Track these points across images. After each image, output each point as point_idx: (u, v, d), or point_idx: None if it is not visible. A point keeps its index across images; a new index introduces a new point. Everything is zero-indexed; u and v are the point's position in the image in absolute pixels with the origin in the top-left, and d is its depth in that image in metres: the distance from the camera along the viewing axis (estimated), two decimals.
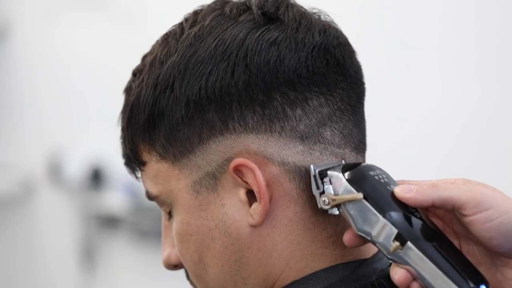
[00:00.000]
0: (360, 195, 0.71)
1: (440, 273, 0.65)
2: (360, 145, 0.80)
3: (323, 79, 0.77)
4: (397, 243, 0.67)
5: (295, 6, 0.79)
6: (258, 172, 0.74)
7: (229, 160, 0.76)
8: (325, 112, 0.77)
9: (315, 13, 0.80)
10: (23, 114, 3.04)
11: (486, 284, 0.65)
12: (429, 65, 1.94)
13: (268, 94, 0.75)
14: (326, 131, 0.77)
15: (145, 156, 0.80)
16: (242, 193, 0.76)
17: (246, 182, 0.75)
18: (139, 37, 2.05)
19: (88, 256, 2.86)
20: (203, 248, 0.78)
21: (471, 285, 0.64)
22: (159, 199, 0.80)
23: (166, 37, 0.80)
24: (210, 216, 0.77)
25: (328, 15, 0.81)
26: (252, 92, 0.75)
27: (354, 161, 0.79)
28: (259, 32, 0.76)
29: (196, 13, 0.80)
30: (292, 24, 0.77)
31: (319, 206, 0.74)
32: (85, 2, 2.83)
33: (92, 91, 2.83)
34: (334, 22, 0.81)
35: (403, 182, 0.73)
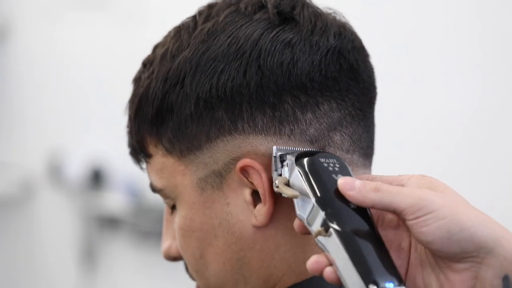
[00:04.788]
0: (296, 194, 0.71)
1: (351, 265, 0.65)
2: (368, 150, 0.79)
3: (335, 83, 0.76)
4: (321, 228, 0.67)
5: (310, 6, 0.79)
6: (264, 174, 0.74)
7: (236, 159, 0.75)
8: (335, 117, 0.76)
9: (330, 13, 0.80)
10: (24, 114, 3.04)
11: (398, 283, 0.64)
12: (430, 65, 1.94)
13: (279, 96, 0.75)
14: (336, 136, 0.76)
15: (151, 149, 0.79)
16: (247, 193, 0.75)
17: (252, 183, 0.75)
18: (140, 37, 2.05)
19: (89, 256, 2.86)
20: (205, 245, 0.77)
21: (375, 279, 0.64)
22: (163, 192, 0.80)
23: (178, 30, 0.80)
24: (214, 214, 0.76)
25: (343, 16, 0.80)
26: (264, 93, 0.75)
27: (363, 167, 0.78)
28: (273, 33, 0.75)
29: (210, 7, 0.80)
30: (307, 26, 0.76)
31: (274, 187, 0.73)
32: (86, 2, 2.83)
33: (93, 91, 2.83)
34: (349, 24, 0.80)
35: (364, 177, 0.72)
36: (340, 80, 0.77)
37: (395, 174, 0.73)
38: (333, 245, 0.66)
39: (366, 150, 0.79)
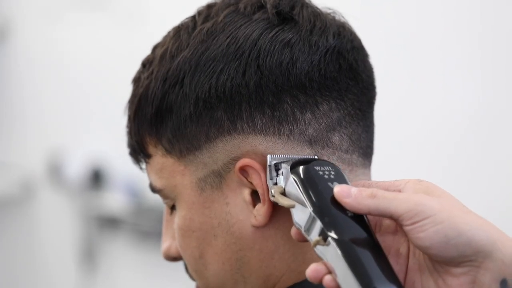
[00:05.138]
0: (293, 204, 0.70)
1: (350, 274, 0.64)
2: (368, 150, 0.79)
3: (334, 83, 0.76)
4: (319, 238, 0.67)
5: (310, 6, 0.79)
6: (264, 174, 0.74)
7: (235, 159, 0.75)
8: (335, 117, 0.76)
9: (329, 13, 0.80)
10: (24, 114, 3.04)
11: None
12: (430, 65, 1.94)
13: (278, 96, 0.75)
14: (335, 136, 0.76)
15: (151, 149, 0.79)
16: (246, 193, 0.75)
17: (251, 183, 0.75)
18: (140, 37, 2.05)
19: (89, 256, 2.86)
20: (204, 245, 0.77)
21: (375, 287, 0.64)
22: (162, 192, 0.80)
23: (178, 30, 0.80)
24: (213, 214, 0.76)
25: (342, 16, 0.80)
26: (263, 93, 0.75)
27: (362, 167, 0.78)
28: (272, 33, 0.75)
29: (209, 7, 0.80)
30: (307, 26, 0.76)
31: (270, 196, 0.73)
32: (86, 2, 2.82)
33: (93, 91, 2.83)
34: (348, 24, 0.80)
35: (360, 183, 0.72)
36: (339, 80, 0.77)
37: (395, 174, 0.73)
38: (332, 254, 0.66)
39: (365, 150, 0.79)
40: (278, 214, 0.75)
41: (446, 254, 0.65)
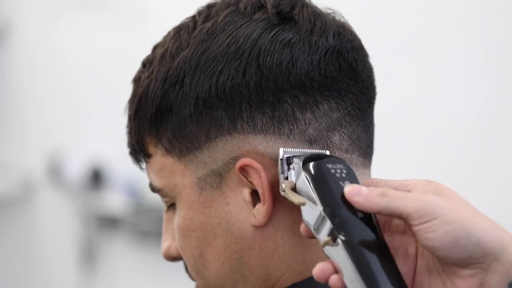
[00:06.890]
0: (304, 201, 0.70)
1: (358, 277, 0.65)
2: (367, 150, 0.79)
3: (334, 83, 0.76)
4: (329, 238, 0.67)
5: (310, 6, 0.79)
6: (264, 174, 0.74)
7: (235, 159, 0.75)
8: (334, 116, 0.76)
9: (329, 13, 0.80)
10: (24, 114, 3.04)
11: None
12: (434, 66, 1.94)
13: (278, 96, 0.75)
14: (335, 136, 0.76)
15: (151, 149, 0.80)
16: (246, 192, 0.75)
17: (251, 182, 0.75)
18: (140, 37, 2.05)
19: (88, 256, 2.86)
20: (204, 245, 0.77)
21: None
22: (162, 192, 0.80)
23: (178, 30, 0.80)
24: (213, 214, 0.76)
25: (342, 16, 0.80)
26: (263, 93, 0.75)
27: (362, 167, 0.78)
28: (273, 33, 0.76)
29: (210, 7, 0.80)
30: (307, 26, 0.76)
31: (280, 191, 0.73)
32: (86, 2, 2.83)
33: (93, 91, 2.83)
34: (348, 24, 0.80)
35: (369, 181, 0.71)
36: (339, 79, 0.77)
37: (397, 175, 0.73)
38: (340, 255, 0.66)
39: (365, 149, 0.79)
40: (278, 213, 0.75)
41: (454, 255, 0.65)
